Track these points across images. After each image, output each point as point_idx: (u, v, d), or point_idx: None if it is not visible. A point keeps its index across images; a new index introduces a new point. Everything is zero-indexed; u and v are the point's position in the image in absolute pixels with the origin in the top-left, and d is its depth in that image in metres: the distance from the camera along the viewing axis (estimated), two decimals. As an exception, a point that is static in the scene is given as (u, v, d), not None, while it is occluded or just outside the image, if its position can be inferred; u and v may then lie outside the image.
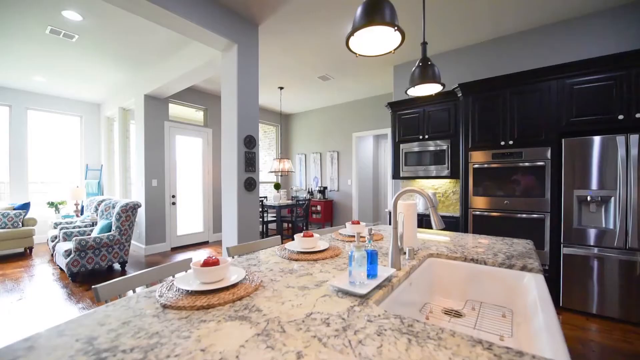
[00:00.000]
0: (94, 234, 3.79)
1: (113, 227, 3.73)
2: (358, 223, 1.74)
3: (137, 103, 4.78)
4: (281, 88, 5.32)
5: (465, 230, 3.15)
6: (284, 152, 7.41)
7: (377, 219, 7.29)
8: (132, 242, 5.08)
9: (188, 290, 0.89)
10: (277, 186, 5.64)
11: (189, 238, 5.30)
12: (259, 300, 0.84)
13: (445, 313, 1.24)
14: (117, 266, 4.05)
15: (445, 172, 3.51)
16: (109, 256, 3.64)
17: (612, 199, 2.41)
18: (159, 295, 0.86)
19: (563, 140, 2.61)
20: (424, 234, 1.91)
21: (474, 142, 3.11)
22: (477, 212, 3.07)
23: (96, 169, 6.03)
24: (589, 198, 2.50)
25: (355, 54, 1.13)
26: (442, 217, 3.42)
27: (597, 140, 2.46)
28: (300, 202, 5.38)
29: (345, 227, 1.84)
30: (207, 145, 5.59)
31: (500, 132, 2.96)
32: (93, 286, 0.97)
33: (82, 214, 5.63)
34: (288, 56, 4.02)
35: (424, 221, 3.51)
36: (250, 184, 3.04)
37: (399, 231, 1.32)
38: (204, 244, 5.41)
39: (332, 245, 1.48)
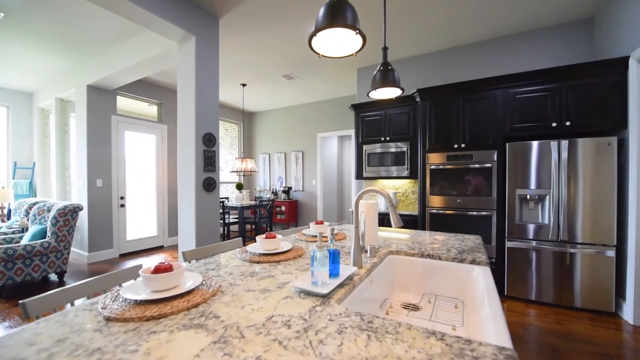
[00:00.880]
0: (24, 241, 3.34)
1: (48, 233, 3.32)
2: (322, 223, 1.75)
3: (79, 94, 4.32)
4: (244, 85, 5.17)
5: (423, 228, 3.33)
6: (247, 151, 7.22)
7: (341, 219, 7.41)
8: (73, 249, 4.56)
9: (136, 300, 0.82)
10: (239, 186, 5.46)
11: (140, 243, 4.91)
12: (216, 306, 0.80)
13: (404, 307, 1.29)
14: (53, 277, 3.61)
15: (405, 173, 3.68)
16: (43, 266, 3.22)
17: (547, 197, 2.71)
18: (101, 308, 0.77)
19: (507, 144, 2.87)
20: (385, 232, 1.97)
21: (430, 144, 3.29)
22: (434, 211, 3.26)
23: (27, 167, 5.30)
24: (528, 196, 2.79)
25: (318, 54, 1.13)
26: (402, 215, 3.58)
27: (535, 144, 2.76)
28: (264, 203, 5.28)
29: (309, 228, 1.83)
30: (162, 143, 5.23)
31: (453, 136, 3.17)
32: (20, 301, 0.84)
33: (8, 218, 4.93)
34: (251, 53, 3.92)
35: (385, 220, 3.64)
36: (209, 184, 2.90)
37: (360, 230, 1.35)
38: (158, 249, 5.05)
39: (295, 246, 1.47)
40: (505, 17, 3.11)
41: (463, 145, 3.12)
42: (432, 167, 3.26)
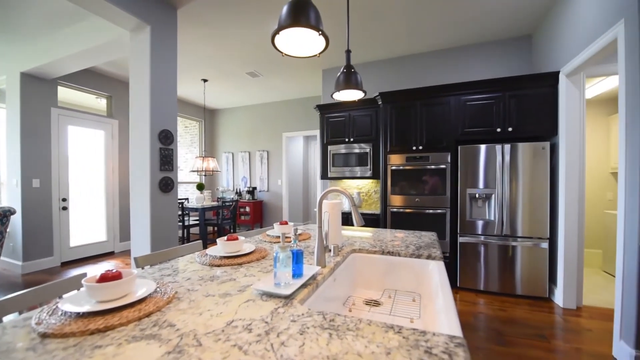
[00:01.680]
0: (-62, 251, 2.86)
1: (-29, 241, 2.88)
2: (286, 223, 1.74)
3: (10, 82, 3.81)
4: (205, 80, 4.95)
5: (385, 226, 3.47)
6: (209, 149, 6.92)
7: (307, 219, 7.43)
8: (3, 258, 4.01)
9: (79, 313, 0.74)
10: (200, 187, 5.22)
11: (87, 249, 4.47)
12: (172, 314, 0.75)
13: (365, 304, 1.33)
14: (-23, 291, 3.14)
15: (368, 173, 3.80)
16: (-37, 279, 2.79)
17: (493, 195, 2.98)
18: (36, 323, 0.69)
19: (459, 147, 3.10)
20: (349, 231, 2.02)
21: (391, 146, 3.44)
22: (395, 209, 3.41)
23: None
24: (477, 195, 3.03)
25: (282, 52, 1.12)
26: (365, 214, 3.68)
27: (483, 148, 3.01)
28: (227, 204, 5.10)
29: (274, 228, 1.81)
30: (112, 139, 4.81)
31: (412, 138, 3.35)
32: None
33: None
34: (213, 48, 3.76)
35: (349, 219, 3.72)
36: (166, 185, 2.73)
37: (324, 230, 1.37)
38: (108, 256, 4.64)
39: (258, 248, 1.44)
40: (457, 30, 3.35)
41: (421, 148, 3.30)
42: (393, 167, 3.41)
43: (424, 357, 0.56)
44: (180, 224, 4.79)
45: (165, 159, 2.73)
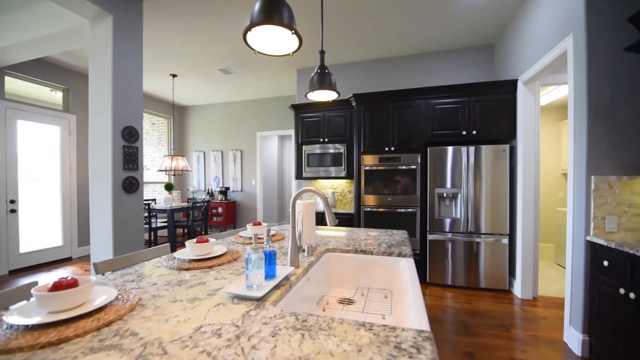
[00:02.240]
0: None
1: None
2: (260, 224, 1.71)
3: (-53, 71, 3.40)
4: (174, 76, 4.73)
5: (359, 225, 3.53)
6: (178, 148, 6.63)
7: (282, 219, 7.36)
8: (-64, 267, 3.57)
9: (27, 326, 0.68)
10: (168, 187, 4.98)
11: (40, 255, 4.09)
12: (135, 323, 0.71)
13: (339, 302, 1.35)
14: None
15: (343, 173, 3.84)
16: None
17: (459, 195, 3.14)
18: (-27, 340, 0.62)
19: (428, 148, 3.23)
20: (324, 231, 2.03)
21: (365, 146, 3.51)
22: (368, 209, 3.48)
23: None
24: (445, 194, 3.18)
25: (254, 50, 1.10)
26: (340, 214, 3.72)
27: (450, 149, 3.16)
28: (198, 204, 4.92)
29: (246, 229, 1.77)
30: (69, 136, 4.45)
31: (385, 139, 3.44)
32: None
33: None
34: (183, 42, 3.61)
35: (325, 219, 3.74)
36: (130, 185, 2.58)
37: (298, 230, 1.36)
38: (64, 262, 4.29)
39: (230, 249, 1.40)
40: (426, 37, 3.50)
41: (393, 149, 3.40)
42: (367, 168, 3.48)
43: (393, 352, 0.58)
44: (147, 226, 4.54)
45: (130, 157, 2.57)
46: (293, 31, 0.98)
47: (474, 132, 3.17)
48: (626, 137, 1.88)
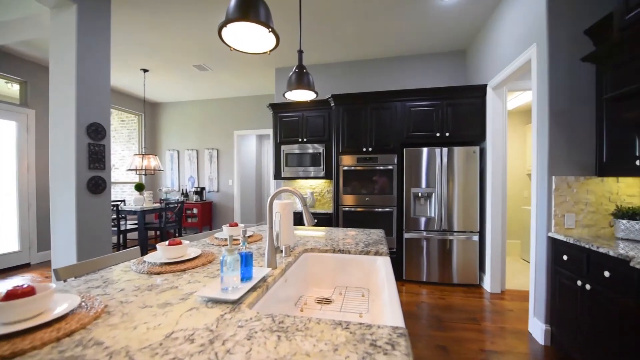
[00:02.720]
0: None
1: None
2: (236, 225, 1.67)
3: None
4: (145, 70, 4.52)
5: (338, 225, 3.55)
6: (150, 146, 6.34)
7: (260, 220, 7.26)
8: None
9: (-26, 339, 0.62)
10: (139, 187, 4.75)
11: (-8, 261, 3.76)
12: (100, 331, 0.67)
13: (317, 302, 1.35)
14: None
15: (322, 174, 3.85)
16: None
17: (434, 194, 3.25)
18: None
19: (404, 149, 3.32)
20: (303, 231, 2.02)
21: (343, 147, 3.54)
22: (347, 209, 3.51)
23: None
24: (420, 194, 3.28)
25: (230, 47, 1.07)
26: (319, 214, 3.73)
27: (425, 150, 3.26)
28: (172, 205, 4.73)
29: (222, 230, 1.73)
30: (27, 132, 4.12)
31: (362, 140, 3.49)
32: None
33: None
34: (155, 36, 3.46)
35: (303, 219, 3.73)
36: (97, 185, 2.43)
37: (275, 230, 1.35)
38: (22, 268, 3.96)
39: (205, 252, 1.36)
40: (402, 41, 3.60)
41: (370, 149, 3.46)
42: (345, 168, 3.51)
43: (369, 349, 0.59)
44: (115, 229, 4.30)
45: (96, 156, 2.43)
46: (270, 29, 0.97)
47: (447, 134, 3.29)
48: (582, 140, 2.03)
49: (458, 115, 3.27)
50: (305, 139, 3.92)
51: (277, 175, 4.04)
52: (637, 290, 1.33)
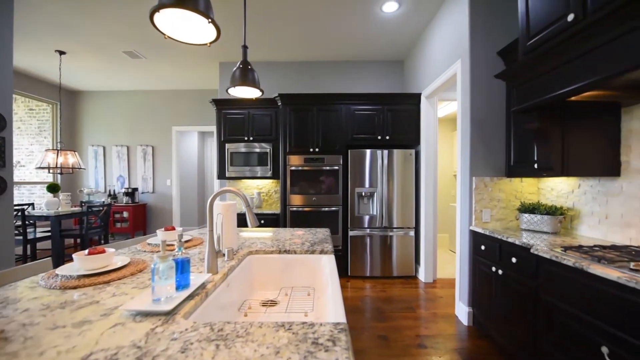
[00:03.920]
0: None
1: None
2: (173, 229, 1.54)
3: None
4: (62, 53, 3.90)
5: (285, 225, 3.53)
6: (68, 141, 5.49)
7: (203, 222, 6.83)
8: None
9: None
10: (53, 188, 4.07)
11: None
12: (-10, 363, 0.55)
13: (262, 305, 1.32)
14: None
15: (269, 173, 3.79)
16: None
17: (375, 193, 3.44)
18: None
19: (349, 150, 3.46)
20: (248, 233, 1.96)
21: (290, 147, 3.53)
22: (294, 209, 3.51)
23: None
24: (363, 193, 3.45)
25: (164, 34, 0.98)
26: (266, 214, 3.66)
27: (367, 152, 3.44)
28: (95, 209, 4.16)
29: (156, 235, 1.58)
30: None
31: (310, 140, 3.53)
32: None
33: None
34: (75, 14, 3.00)
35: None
36: (-6, 186, 2.02)
37: (216, 233, 1.28)
38: None
39: (135, 260, 1.23)
40: (344, 47, 3.75)
41: (317, 150, 3.52)
42: (292, 168, 3.51)
43: (310, 348, 0.60)
44: (21, 237, 3.62)
45: (-9, 151, 2.01)
46: (209, 20, 0.92)
47: (388, 137, 3.53)
48: (496, 146, 2.37)
49: (397, 120, 3.52)
50: (251, 138, 3.81)
51: (222, 175, 3.85)
52: (536, 273, 1.60)
